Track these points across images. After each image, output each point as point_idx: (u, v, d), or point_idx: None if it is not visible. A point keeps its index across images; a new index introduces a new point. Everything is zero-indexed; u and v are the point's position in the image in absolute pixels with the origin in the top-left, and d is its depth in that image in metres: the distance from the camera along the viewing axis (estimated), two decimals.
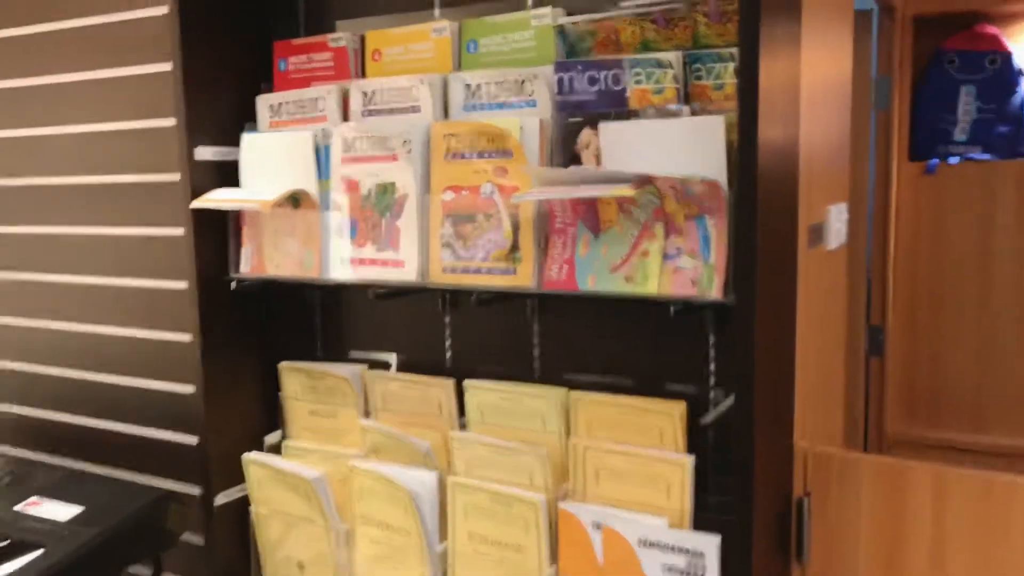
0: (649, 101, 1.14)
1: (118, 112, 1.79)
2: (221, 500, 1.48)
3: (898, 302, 2.43)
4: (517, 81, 1.23)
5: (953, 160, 2.47)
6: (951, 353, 2.47)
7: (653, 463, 1.20)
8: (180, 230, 1.55)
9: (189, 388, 1.74)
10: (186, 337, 1.72)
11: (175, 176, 1.55)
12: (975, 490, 1.11)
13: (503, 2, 1.34)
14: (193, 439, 1.75)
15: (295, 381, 1.53)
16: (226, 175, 1.45)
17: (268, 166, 1.42)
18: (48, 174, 1.92)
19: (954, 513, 1.12)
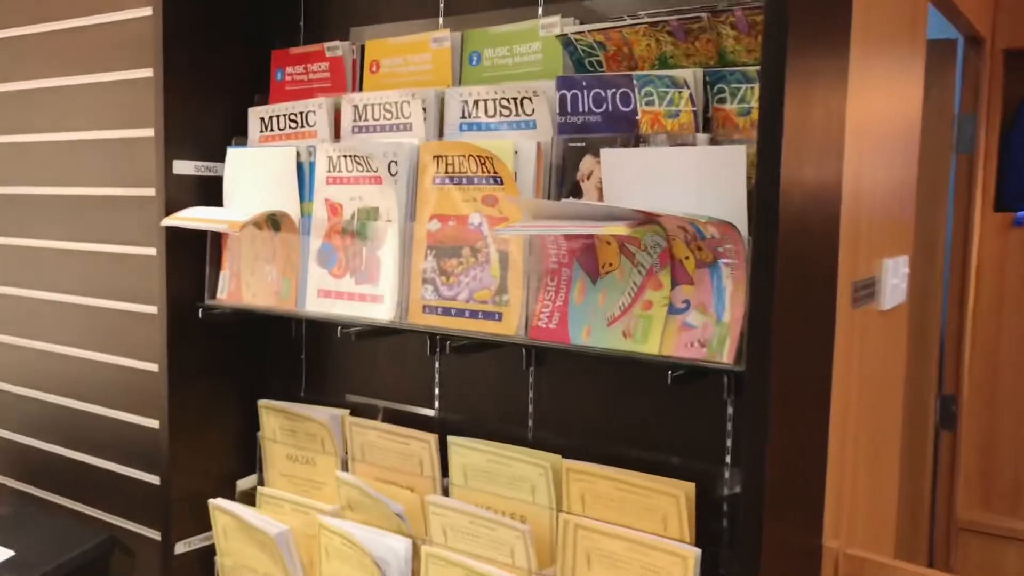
0: (661, 125, 0.97)
1: (95, 120, 1.67)
2: (181, 548, 1.34)
3: (975, 369, 2.17)
4: (516, 98, 1.07)
5: None
6: None
7: (653, 552, 1.04)
8: (152, 250, 1.42)
9: (154, 422, 1.61)
10: (153, 367, 1.59)
11: (151, 191, 1.43)
12: None
13: (515, 10, 1.18)
14: (155, 478, 1.61)
15: (273, 422, 1.39)
16: (209, 192, 1.33)
17: (250, 184, 1.29)
18: (19, 183, 1.81)
19: None
